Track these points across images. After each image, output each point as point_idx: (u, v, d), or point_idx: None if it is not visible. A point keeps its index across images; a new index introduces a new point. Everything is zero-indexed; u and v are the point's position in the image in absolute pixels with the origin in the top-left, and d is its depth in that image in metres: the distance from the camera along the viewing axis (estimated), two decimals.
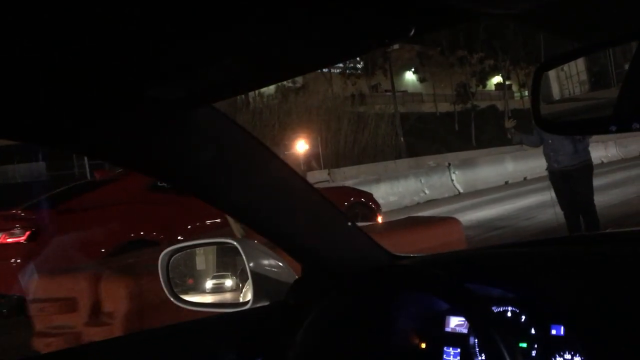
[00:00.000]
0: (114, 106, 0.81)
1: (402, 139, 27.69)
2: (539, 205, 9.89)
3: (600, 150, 19.24)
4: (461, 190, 13.71)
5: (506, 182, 14.54)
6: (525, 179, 15.28)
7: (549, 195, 6.01)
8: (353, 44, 0.68)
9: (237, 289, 1.42)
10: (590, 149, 6.00)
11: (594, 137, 20.64)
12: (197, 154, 0.95)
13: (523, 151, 18.40)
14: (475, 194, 12.88)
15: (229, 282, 1.44)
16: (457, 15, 0.57)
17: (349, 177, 16.48)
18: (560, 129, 0.99)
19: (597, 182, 11.99)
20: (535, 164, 16.28)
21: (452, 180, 13.84)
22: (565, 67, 0.87)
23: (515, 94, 43.32)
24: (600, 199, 9.46)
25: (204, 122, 0.93)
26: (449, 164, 14.23)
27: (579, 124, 0.98)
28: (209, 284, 1.44)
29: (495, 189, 13.57)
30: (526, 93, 39.17)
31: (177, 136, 0.91)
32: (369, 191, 9.63)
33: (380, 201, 11.35)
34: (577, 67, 0.86)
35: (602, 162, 18.20)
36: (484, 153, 21.85)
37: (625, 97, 0.84)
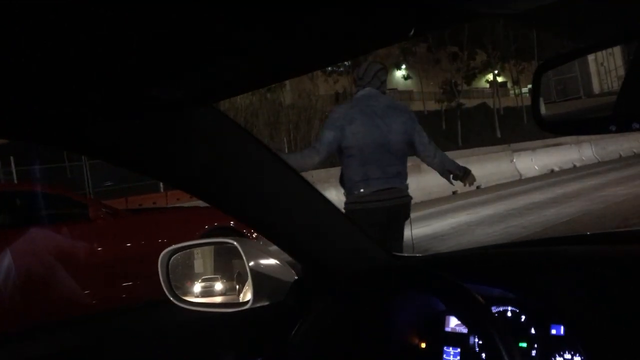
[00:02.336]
0: (113, 106, 0.81)
1: None
2: (480, 221, 8.57)
3: (574, 153, 17.67)
4: None
5: (454, 192, 12.64)
6: (478, 187, 13.39)
7: (511, 204, 4.02)
8: (353, 44, 0.68)
9: (226, 293, 1.40)
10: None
11: (568, 138, 19.19)
12: (197, 154, 0.95)
13: (487, 154, 16.53)
14: (416, 207, 10.74)
15: (219, 286, 1.41)
16: (457, 15, 0.57)
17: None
18: (561, 129, 0.99)
19: (538, 197, 10.94)
20: (493, 169, 14.61)
21: None
22: (605, 61, 0.88)
23: (510, 92, 42.71)
24: (495, 231, 7.78)
25: (204, 122, 0.93)
26: None
27: (579, 124, 0.98)
28: (197, 287, 1.41)
29: (436, 202, 11.93)
30: (524, 90, 38.77)
31: (177, 136, 0.91)
32: None
33: None
34: (615, 62, 0.87)
35: (575, 166, 16.75)
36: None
37: (625, 97, 0.84)
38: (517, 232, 7.50)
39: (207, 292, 1.40)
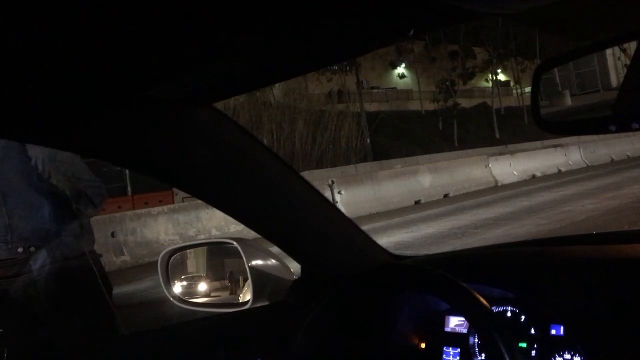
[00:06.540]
0: (114, 106, 0.81)
1: (368, 140, 25.88)
2: (413, 243, 7.68)
3: (560, 157, 16.48)
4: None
5: (417, 202, 11.86)
6: (446, 196, 12.72)
7: (463, 219, 3.23)
8: (353, 44, 0.68)
9: (211, 293, 1.37)
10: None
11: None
12: (197, 154, 0.95)
13: (461, 159, 15.37)
14: (364, 220, 9.95)
15: (202, 286, 1.39)
16: (457, 15, 0.57)
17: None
18: (560, 129, 0.99)
19: (497, 210, 9.90)
20: (466, 175, 13.72)
21: (336, 203, 10.91)
22: (621, 56, 0.88)
23: (513, 91, 42.20)
24: None
25: (204, 122, 0.93)
26: (333, 182, 11.50)
27: (579, 124, 0.98)
28: (178, 287, 1.38)
29: (396, 212, 10.95)
30: (527, 90, 38.44)
31: (177, 136, 0.91)
32: (199, 218, 7.67)
33: (215, 233, 8.89)
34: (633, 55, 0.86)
35: (560, 172, 15.58)
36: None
37: (625, 97, 0.84)
38: None
39: (190, 292, 1.38)
